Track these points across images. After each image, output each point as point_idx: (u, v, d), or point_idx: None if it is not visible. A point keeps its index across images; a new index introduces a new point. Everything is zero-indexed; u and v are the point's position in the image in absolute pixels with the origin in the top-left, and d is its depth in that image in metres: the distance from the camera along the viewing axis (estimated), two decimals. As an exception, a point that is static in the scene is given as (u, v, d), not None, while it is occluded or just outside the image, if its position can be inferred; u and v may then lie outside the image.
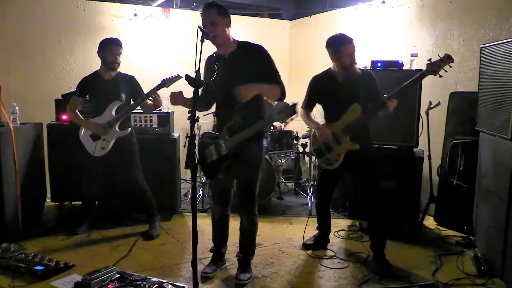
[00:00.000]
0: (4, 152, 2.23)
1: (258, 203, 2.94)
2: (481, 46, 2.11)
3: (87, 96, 2.46)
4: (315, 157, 2.16)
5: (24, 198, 2.36)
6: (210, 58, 1.82)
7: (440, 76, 1.83)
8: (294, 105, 1.62)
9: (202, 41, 1.47)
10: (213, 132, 1.89)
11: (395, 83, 2.45)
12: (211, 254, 2.09)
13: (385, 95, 1.92)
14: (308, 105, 2.15)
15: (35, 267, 1.89)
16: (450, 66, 1.79)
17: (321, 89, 2.09)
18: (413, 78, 1.88)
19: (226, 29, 1.71)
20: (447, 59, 1.78)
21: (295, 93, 4.61)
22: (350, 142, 1.98)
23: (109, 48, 2.30)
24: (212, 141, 1.78)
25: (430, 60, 1.84)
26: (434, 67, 1.80)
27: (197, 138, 1.93)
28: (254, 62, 1.71)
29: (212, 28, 1.66)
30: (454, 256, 2.13)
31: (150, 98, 2.34)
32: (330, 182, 2.23)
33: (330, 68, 2.09)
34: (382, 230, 2.09)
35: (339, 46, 1.97)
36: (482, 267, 1.92)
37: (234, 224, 2.02)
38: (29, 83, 3.31)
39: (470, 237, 2.30)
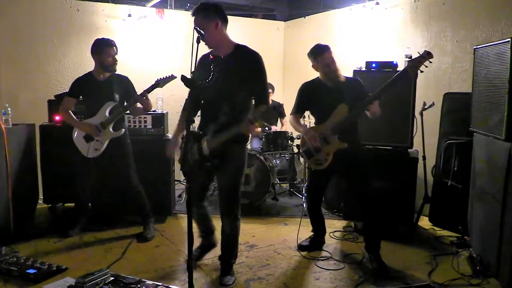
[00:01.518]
0: (-4, 153, 2.20)
1: (254, 204, 2.96)
2: (475, 47, 2.12)
3: (81, 97, 2.43)
4: (304, 158, 2.18)
5: (16, 200, 2.32)
6: (205, 58, 1.80)
7: (421, 71, 1.88)
8: (278, 106, 1.61)
9: (198, 42, 1.45)
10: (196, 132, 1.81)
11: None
12: (207, 256, 2.08)
13: (370, 94, 1.96)
14: (298, 111, 2.19)
15: (27, 271, 1.86)
16: (430, 62, 1.83)
17: (311, 94, 2.12)
18: (395, 76, 1.91)
19: (216, 30, 1.68)
20: (427, 55, 1.82)
21: (290, 94, 4.61)
22: (338, 141, 2.00)
23: (106, 52, 2.27)
24: (195, 142, 1.73)
25: (410, 57, 1.89)
26: (415, 63, 1.84)
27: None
28: (249, 69, 1.70)
29: (205, 31, 1.64)
30: (449, 256, 2.14)
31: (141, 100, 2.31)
32: (320, 184, 2.25)
33: (318, 77, 2.13)
34: (376, 231, 2.09)
35: (315, 57, 2.03)
36: (477, 267, 1.93)
37: (219, 226, 1.97)
38: (21, 83, 3.27)
39: (465, 237, 2.30)
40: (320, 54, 2.01)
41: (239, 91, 1.70)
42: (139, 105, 2.36)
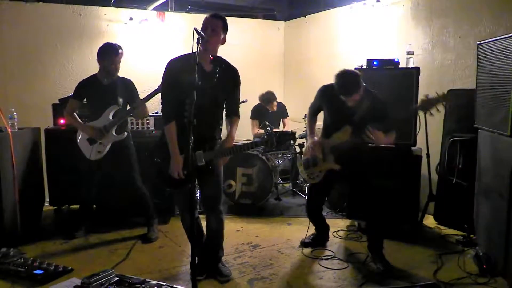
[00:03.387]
0: (2, 157, 2.23)
1: (256, 204, 2.96)
2: (478, 42, 2.09)
3: (85, 100, 2.46)
4: (302, 168, 2.21)
5: (22, 202, 2.36)
6: (182, 61, 1.76)
7: (431, 115, 1.78)
8: (290, 134, 1.65)
9: (198, 43, 1.47)
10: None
11: (392, 81, 2.44)
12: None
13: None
14: (314, 112, 2.23)
15: (35, 272, 1.89)
16: (445, 106, 1.73)
17: (328, 101, 2.11)
18: (406, 112, 1.93)
19: (220, 42, 1.75)
20: (442, 97, 1.72)
21: (291, 94, 4.61)
22: (333, 162, 2.03)
23: (110, 58, 2.30)
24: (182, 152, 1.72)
25: (427, 96, 1.79)
26: (426, 105, 1.75)
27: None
28: (233, 81, 1.80)
29: (211, 33, 1.68)
30: (455, 255, 2.12)
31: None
32: (319, 192, 2.25)
33: None
34: (378, 230, 2.08)
35: (343, 95, 1.95)
36: (484, 266, 1.90)
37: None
38: (26, 88, 3.33)
39: (471, 235, 2.27)
40: (348, 95, 1.91)
41: (225, 99, 1.81)
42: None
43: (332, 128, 2.07)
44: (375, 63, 2.52)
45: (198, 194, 2.60)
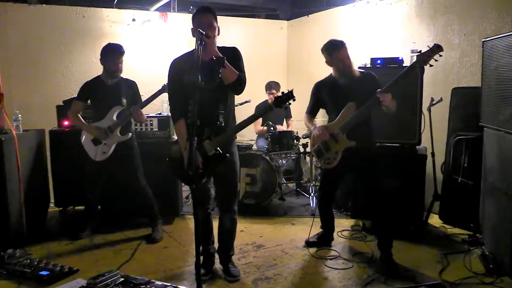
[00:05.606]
0: (8, 158, 2.25)
1: (260, 205, 2.96)
2: (483, 40, 2.07)
3: (89, 101, 2.47)
4: (315, 158, 2.19)
5: (28, 203, 2.38)
6: (184, 59, 1.77)
7: (431, 66, 1.85)
8: (289, 92, 1.65)
9: (200, 44, 1.46)
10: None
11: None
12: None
13: (378, 90, 1.91)
14: (311, 111, 2.21)
15: (40, 272, 1.91)
16: (440, 55, 1.82)
17: (323, 94, 2.13)
18: (404, 70, 1.91)
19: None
20: (436, 48, 1.81)
21: (294, 94, 4.56)
22: (346, 139, 2.01)
23: (110, 58, 2.30)
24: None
25: (420, 51, 1.87)
26: (424, 57, 1.83)
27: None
28: (233, 63, 1.74)
29: (212, 30, 1.67)
30: (461, 254, 2.10)
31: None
32: (331, 182, 2.25)
33: (331, 73, 2.12)
34: (387, 229, 2.07)
35: (330, 52, 2.02)
36: (490, 266, 1.89)
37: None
38: (30, 90, 3.36)
39: (477, 234, 2.26)
40: (335, 50, 1.99)
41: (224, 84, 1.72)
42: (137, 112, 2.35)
43: (336, 115, 2.05)
44: (379, 61, 2.51)
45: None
